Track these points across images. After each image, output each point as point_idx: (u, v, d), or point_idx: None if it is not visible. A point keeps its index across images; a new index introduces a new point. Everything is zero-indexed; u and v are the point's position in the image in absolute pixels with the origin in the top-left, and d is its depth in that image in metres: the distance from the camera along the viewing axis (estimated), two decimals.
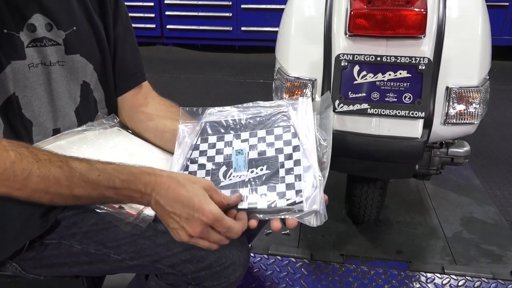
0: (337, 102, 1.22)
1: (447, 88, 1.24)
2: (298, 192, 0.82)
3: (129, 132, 1.09)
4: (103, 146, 0.99)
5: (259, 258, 1.63)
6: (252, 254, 1.64)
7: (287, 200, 0.81)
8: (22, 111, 0.89)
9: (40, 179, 0.77)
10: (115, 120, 1.08)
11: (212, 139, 0.96)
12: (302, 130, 0.93)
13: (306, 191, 0.81)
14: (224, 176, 0.88)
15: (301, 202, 0.80)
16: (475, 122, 1.27)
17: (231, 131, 0.97)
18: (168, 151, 1.04)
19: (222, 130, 0.98)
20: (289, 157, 0.88)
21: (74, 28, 0.94)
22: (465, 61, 1.25)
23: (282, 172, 0.86)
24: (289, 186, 0.83)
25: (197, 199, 0.75)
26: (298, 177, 0.84)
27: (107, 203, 0.85)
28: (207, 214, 0.74)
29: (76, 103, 0.99)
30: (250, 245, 1.63)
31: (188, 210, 0.75)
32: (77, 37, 0.95)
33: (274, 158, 0.89)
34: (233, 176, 0.87)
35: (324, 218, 0.80)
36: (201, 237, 0.77)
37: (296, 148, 0.89)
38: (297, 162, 0.87)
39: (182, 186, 0.77)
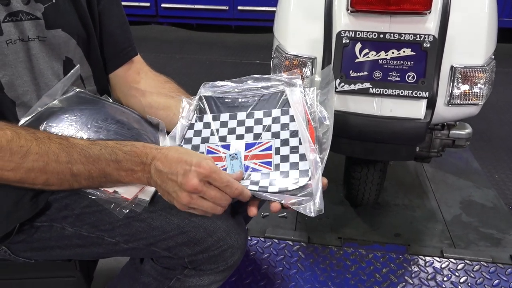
0: (338, 81, 1.18)
1: (451, 67, 1.20)
2: (292, 181, 0.79)
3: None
4: None
5: (255, 241, 1.61)
6: (248, 237, 1.62)
7: (279, 188, 0.78)
8: (5, 91, 0.85)
9: (39, 156, 0.76)
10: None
11: (207, 118, 0.93)
12: (299, 113, 0.90)
13: (301, 180, 0.79)
14: None
15: (294, 189, 0.78)
16: (480, 103, 1.24)
17: (227, 111, 0.93)
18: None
19: (218, 110, 0.94)
20: (285, 142, 0.85)
21: (53, 1, 0.89)
22: (471, 39, 1.21)
23: (277, 159, 0.83)
24: (284, 174, 0.80)
25: (196, 156, 0.76)
26: (294, 166, 0.81)
27: (105, 184, 0.83)
28: (204, 166, 0.73)
29: None
30: (246, 227, 1.62)
31: (185, 166, 0.74)
32: (57, 11, 0.90)
33: (269, 144, 0.86)
34: None
35: (321, 206, 0.76)
36: (200, 195, 0.75)
37: (293, 134, 0.86)
38: (294, 149, 0.84)
39: (180, 152, 0.77)
